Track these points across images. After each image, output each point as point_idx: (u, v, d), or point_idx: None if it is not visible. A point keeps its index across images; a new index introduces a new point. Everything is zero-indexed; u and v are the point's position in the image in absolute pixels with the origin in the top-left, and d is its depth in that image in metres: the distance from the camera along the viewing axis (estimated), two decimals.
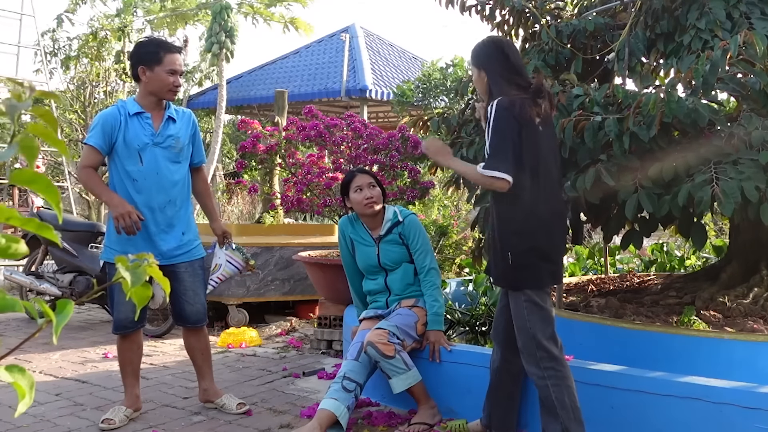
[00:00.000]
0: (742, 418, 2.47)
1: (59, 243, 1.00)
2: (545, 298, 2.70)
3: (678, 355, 3.18)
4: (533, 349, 2.67)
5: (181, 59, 3.43)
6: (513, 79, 2.71)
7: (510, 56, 2.75)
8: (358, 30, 16.44)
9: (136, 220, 3.18)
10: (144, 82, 3.32)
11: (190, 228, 3.47)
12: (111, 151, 3.32)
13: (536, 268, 2.66)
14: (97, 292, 0.96)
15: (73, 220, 6.17)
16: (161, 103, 3.38)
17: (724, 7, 3.40)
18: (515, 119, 2.59)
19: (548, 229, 2.69)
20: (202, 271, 3.52)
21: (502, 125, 2.59)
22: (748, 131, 2.90)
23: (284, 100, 7.61)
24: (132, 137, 3.28)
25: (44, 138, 0.86)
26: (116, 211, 3.18)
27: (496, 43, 2.81)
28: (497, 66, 2.74)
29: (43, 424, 3.33)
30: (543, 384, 2.67)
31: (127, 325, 3.38)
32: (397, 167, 5.06)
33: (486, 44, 2.81)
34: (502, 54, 2.75)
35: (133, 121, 3.31)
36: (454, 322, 4.54)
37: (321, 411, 3.08)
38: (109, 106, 3.99)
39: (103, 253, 3.45)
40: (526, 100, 2.63)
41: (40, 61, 13.35)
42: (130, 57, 3.45)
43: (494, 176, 2.57)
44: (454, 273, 6.75)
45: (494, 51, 2.77)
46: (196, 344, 3.55)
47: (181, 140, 3.40)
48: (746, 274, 3.88)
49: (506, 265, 2.69)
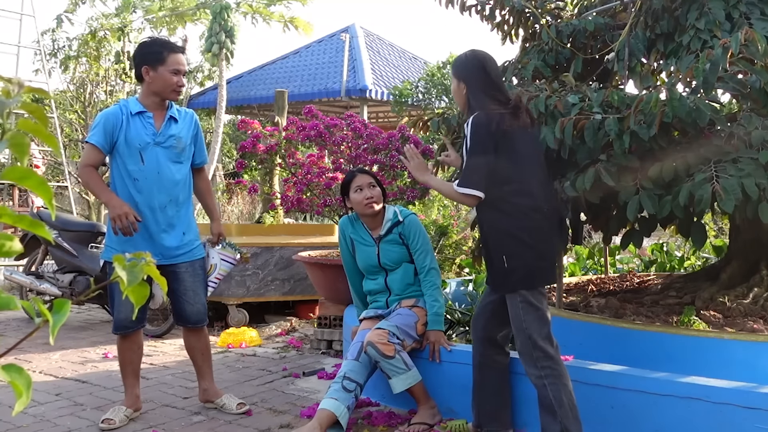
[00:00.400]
0: (742, 418, 2.47)
1: (52, 240, 0.99)
2: (540, 299, 2.75)
3: (678, 355, 3.18)
4: (530, 349, 2.71)
5: (185, 59, 3.43)
6: (492, 94, 2.79)
7: (491, 72, 2.83)
8: (358, 30, 16.45)
9: (133, 221, 3.18)
10: (147, 82, 3.32)
11: (191, 228, 3.47)
12: (112, 150, 3.32)
13: (531, 267, 2.72)
14: (94, 291, 0.95)
15: (73, 220, 6.16)
16: (164, 103, 3.38)
17: (724, 7, 3.39)
18: (492, 135, 2.67)
19: (540, 229, 2.74)
20: (202, 271, 3.51)
21: (478, 143, 2.68)
22: (748, 131, 2.89)
23: (284, 100, 7.61)
24: (133, 136, 3.28)
25: (34, 133, 0.85)
26: (114, 212, 3.18)
27: (477, 58, 2.86)
28: (477, 80, 2.81)
29: (43, 424, 3.33)
30: (540, 383, 2.70)
31: (127, 325, 3.38)
32: (397, 167, 5.05)
33: (468, 57, 2.88)
34: (482, 69, 2.82)
35: (135, 121, 3.30)
36: (454, 322, 4.54)
37: (321, 411, 3.08)
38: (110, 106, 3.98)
39: (103, 253, 3.46)
40: (504, 114, 2.70)
41: (39, 61, 13.35)
42: (133, 57, 3.44)
43: (468, 194, 2.69)
44: (454, 273, 6.75)
45: (475, 65, 2.84)
46: (197, 344, 3.55)
47: (182, 140, 3.39)
48: (746, 274, 3.87)
49: (502, 267, 2.74)
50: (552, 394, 2.66)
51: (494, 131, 2.67)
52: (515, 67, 4.09)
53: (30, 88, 0.86)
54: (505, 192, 2.70)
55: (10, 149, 0.81)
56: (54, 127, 10.36)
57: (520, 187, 2.71)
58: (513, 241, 2.71)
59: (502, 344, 3.04)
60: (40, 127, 0.83)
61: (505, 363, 3.05)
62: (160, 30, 15.95)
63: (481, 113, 2.72)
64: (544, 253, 2.75)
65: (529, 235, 2.71)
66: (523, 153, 2.75)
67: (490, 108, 2.74)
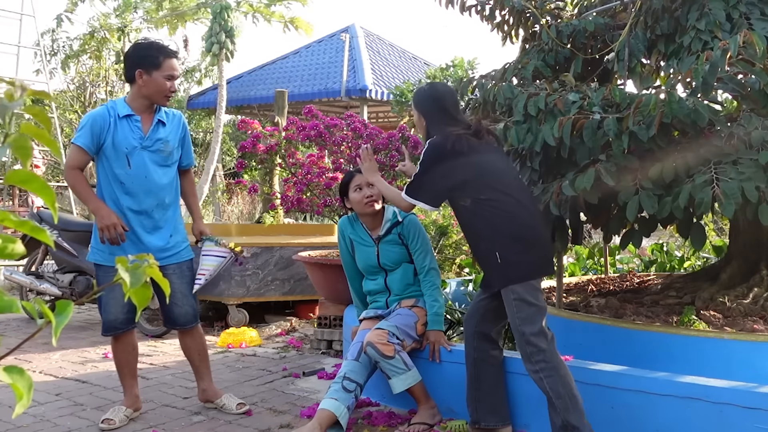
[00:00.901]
0: (742, 418, 2.47)
1: (53, 245, 1.00)
2: (536, 294, 2.80)
3: (678, 355, 3.18)
4: (523, 345, 2.77)
5: (178, 63, 3.39)
6: (450, 123, 2.95)
7: (448, 107, 3.01)
8: (358, 30, 16.44)
9: (121, 233, 3.16)
10: (139, 85, 3.25)
11: (178, 230, 3.43)
12: (98, 153, 3.26)
13: (521, 261, 2.79)
14: (96, 292, 0.96)
15: (73, 220, 6.16)
16: (152, 106, 3.32)
17: (724, 7, 3.39)
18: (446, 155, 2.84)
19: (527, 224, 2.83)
20: (190, 272, 3.48)
21: (424, 162, 2.88)
22: (748, 131, 2.89)
23: (284, 100, 7.61)
24: (121, 140, 3.23)
25: (37, 138, 0.85)
26: (101, 223, 3.16)
27: (435, 93, 3.05)
28: (434, 113, 2.99)
29: (43, 424, 3.33)
30: (537, 377, 2.75)
31: (116, 326, 3.37)
32: (397, 167, 5.05)
33: (426, 92, 3.08)
34: (439, 105, 3.00)
35: (123, 124, 3.25)
36: (454, 322, 4.54)
37: (321, 411, 3.08)
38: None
39: (90, 254, 3.41)
40: (462, 135, 2.86)
41: (39, 61, 13.35)
42: (126, 58, 3.36)
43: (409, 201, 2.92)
44: (454, 273, 6.75)
45: (433, 102, 3.01)
46: (192, 344, 3.53)
47: (170, 144, 3.35)
48: (746, 274, 3.88)
49: (496, 263, 2.81)
50: (549, 386, 2.71)
51: (450, 151, 2.83)
52: (515, 67, 4.09)
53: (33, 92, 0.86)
54: (485, 198, 2.80)
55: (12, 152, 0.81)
56: (54, 127, 10.36)
57: (501, 191, 2.82)
58: (502, 239, 2.79)
59: (496, 339, 3.07)
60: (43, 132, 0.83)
61: (500, 358, 3.09)
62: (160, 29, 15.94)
63: (437, 136, 2.90)
64: (534, 246, 2.82)
65: (517, 230, 2.80)
66: (496, 164, 2.91)
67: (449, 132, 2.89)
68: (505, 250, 2.78)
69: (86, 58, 14.10)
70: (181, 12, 15.78)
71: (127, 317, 3.38)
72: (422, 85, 3.16)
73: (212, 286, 5.57)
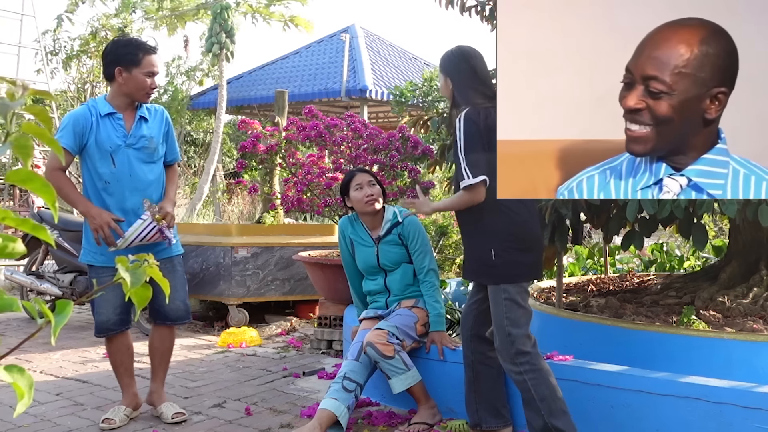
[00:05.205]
0: (741, 418, 2.47)
1: (54, 243, 0.99)
2: (525, 296, 2.79)
3: (678, 355, 3.19)
4: (507, 346, 2.74)
5: (159, 61, 3.35)
6: (478, 88, 2.85)
7: (476, 67, 2.88)
8: (358, 30, 16.44)
9: (115, 227, 3.14)
10: (119, 83, 3.22)
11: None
12: (81, 152, 3.23)
13: (517, 262, 2.76)
14: (95, 292, 0.96)
15: (74, 220, 6.16)
16: (133, 103, 3.29)
17: None
18: (480, 129, 2.72)
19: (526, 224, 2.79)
20: (181, 268, 3.46)
21: (470, 138, 2.73)
22: None
23: (284, 100, 7.62)
24: (104, 139, 3.20)
25: (38, 137, 0.85)
26: (93, 223, 3.13)
27: (463, 53, 2.92)
28: (463, 75, 2.88)
29: (44, 424, 3.34)
30: (521, 379, 2.73)
31: (109, 327, 3.34)
32: (397, 167, 5.06)
33: (453, 53, 2.94)
34: (468, 64, 2.88)
35: (105, 122, 3.22)
36: (454, 322, 4.54)
37: (321, 411, 3.08)
38: None
39: (82, 256, 3.38)
40: (490, 109, 2.72)
41: (40, 61, 13.35)
42: (104, 56, 3.30)
43: (476, 183, 2.70)
44: (454, 273, 6.75)
45: (461, 61, 2.90)
46: (160, 345, 3.47)
47: (154, 140, 3.31)
48: (746, 274, 3.88)
49: (489, 259, 2.77)
50: (533, 389, 2.69)
51: (483, 126, 2.73)
52: None
53: (34, 91, 0.86)
54: (490, 188, 2.71)
55: (13, 152, 0.81)
56: (55, 126, 10.37)
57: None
58: (501, 236, 2.75)
59: (491, 340, 3.05)
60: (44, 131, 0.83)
61: (498, 359, 3.06)
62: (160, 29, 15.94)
63: (470, 109, 2.78)
64: (531, 248, 2.80)
65: (517, 229, 2.76)
66: None
67: (476, 102, 2.80)
68: (503, 248, 2.75)
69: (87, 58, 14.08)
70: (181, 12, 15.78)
71: (119, 318, 3.35)
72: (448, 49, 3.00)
73: (212, 286, 5.58)
